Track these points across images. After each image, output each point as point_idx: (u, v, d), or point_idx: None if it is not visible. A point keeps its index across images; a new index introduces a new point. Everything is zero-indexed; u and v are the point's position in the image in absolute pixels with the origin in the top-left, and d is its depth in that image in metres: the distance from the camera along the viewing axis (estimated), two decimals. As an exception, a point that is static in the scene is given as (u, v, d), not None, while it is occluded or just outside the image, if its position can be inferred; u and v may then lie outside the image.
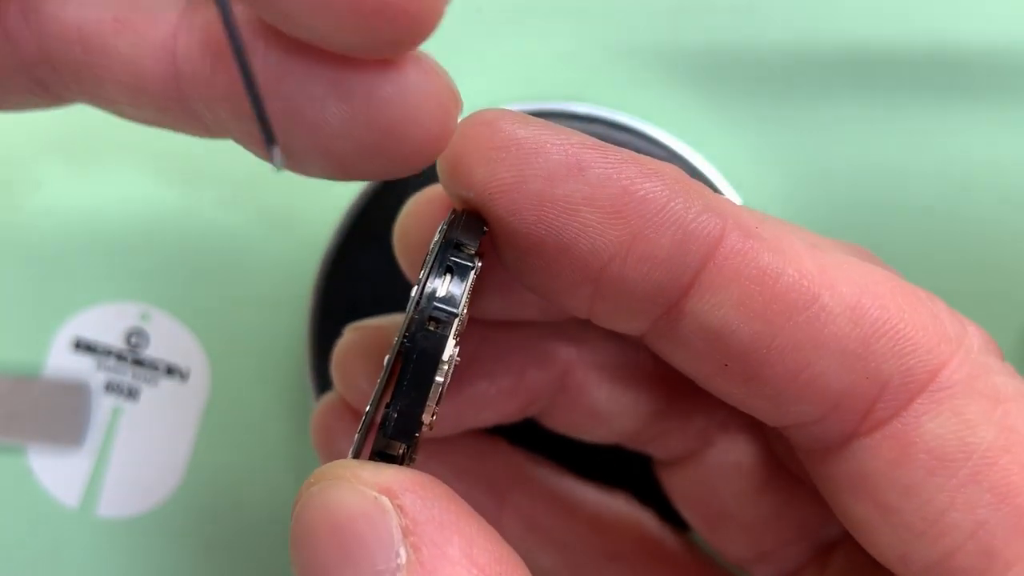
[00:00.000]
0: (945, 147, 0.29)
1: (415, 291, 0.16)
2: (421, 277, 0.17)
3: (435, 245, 0.17)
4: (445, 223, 0.17)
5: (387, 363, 0.17)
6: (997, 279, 0.29)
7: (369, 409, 0.17)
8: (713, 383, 0.18)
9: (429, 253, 0.17)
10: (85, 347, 0.30)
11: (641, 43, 0.30)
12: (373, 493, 0.15)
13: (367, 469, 0.15)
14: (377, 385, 0.17)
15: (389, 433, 0.16)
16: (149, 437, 0.30)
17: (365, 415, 0.17)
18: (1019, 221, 0.29)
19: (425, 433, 0.17)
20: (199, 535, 0.30)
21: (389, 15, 0.14)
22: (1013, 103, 0.29)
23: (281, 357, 0.30)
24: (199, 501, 0.30)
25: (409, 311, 0.16)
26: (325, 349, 0.28)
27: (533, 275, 0.18)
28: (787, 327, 0.17)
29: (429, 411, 0.16)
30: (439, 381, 0.16)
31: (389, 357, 0.17)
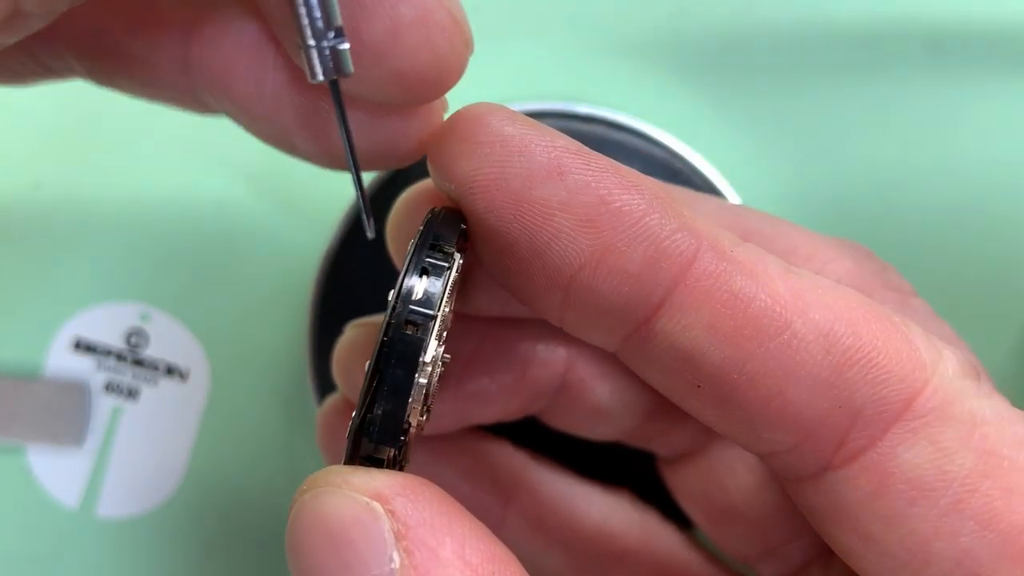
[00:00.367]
0: (945, 146, 0.29)
1: (392, 294, 0.16)
2: (399, 279, 0.16)
3: (412, 245, 0.17)
4: (422, 223, 0.17)
5: (368, 368, 0.16)
6: (997, 278, 0.29)
7: (355, 414, 0.17)
8: (687, 404, 0.18)
9: (407, 253, 0.17)
10: (85, 347, 0.30)
11: (641, 43, 0.30)
12: (364, 499, 0.15)
13: (358, 475, 0.15)
14: (361, 390, 0.17)
15: (374, 438, 0.16)
16: (149, 437, 0.30)
17: (352, 420, 0.17)
18: (1019, 220, 0.29)
19: (417, 433, 0.17)
20: (199, 535, 0.30)
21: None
22: (1014, 103, 0.29)
23: (281, 357, 0.30)
24: (199, 501, 0.30)
25: (387, 314, 0.16)
26: (325, 349, 0.28)
27: (508, 277, 0.18)
28: (758, 353, 0.16)
29: (415, 413, 0.16)
30: (422, 383, 0.16)
31: (369, 362, 0.16)
